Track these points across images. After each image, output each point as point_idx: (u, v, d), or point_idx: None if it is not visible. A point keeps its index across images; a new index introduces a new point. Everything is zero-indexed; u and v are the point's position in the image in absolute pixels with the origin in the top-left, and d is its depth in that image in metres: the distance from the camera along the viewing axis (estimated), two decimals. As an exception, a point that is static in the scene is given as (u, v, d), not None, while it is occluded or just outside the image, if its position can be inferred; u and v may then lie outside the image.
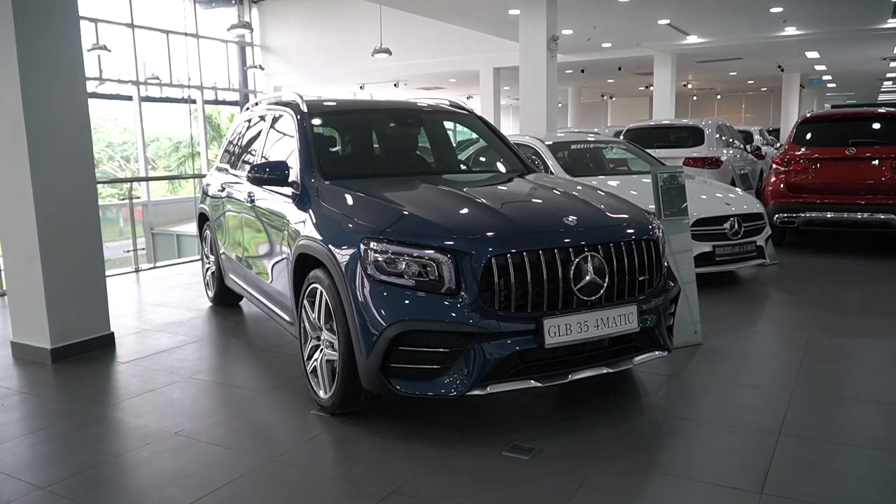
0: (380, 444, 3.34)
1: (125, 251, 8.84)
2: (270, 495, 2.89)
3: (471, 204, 3.61)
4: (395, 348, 3.20)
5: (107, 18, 18.49)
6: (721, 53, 17.57)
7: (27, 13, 4.50)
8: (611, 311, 3.35)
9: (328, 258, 3.53)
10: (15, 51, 4.45)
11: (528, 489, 2.90)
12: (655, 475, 3.02)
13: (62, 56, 4.71)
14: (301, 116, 4.53)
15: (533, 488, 2.90)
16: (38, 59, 4.57)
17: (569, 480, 2.94)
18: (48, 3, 4.61)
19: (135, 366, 4.66)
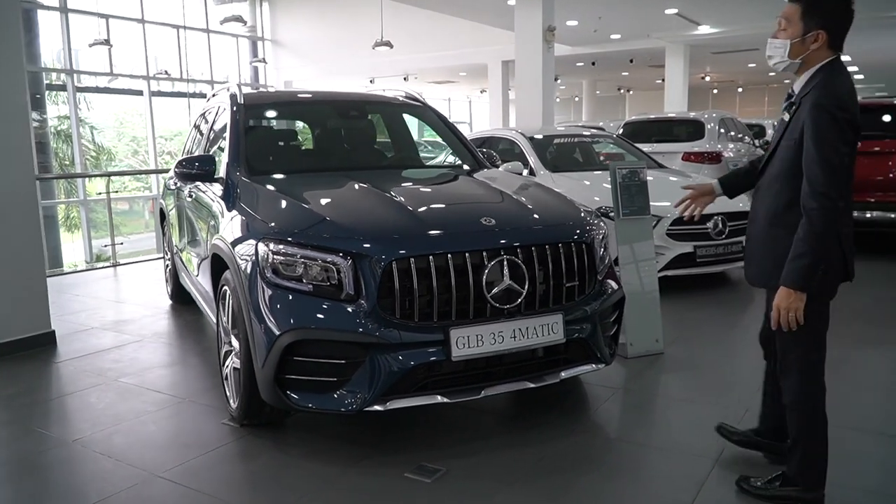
0: (280, 460, 3.10)
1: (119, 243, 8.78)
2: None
3: (385, 203, 3.33)
4: (290, 358, 2.95)
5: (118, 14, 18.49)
6: (736, 44, 17.01)
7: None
8: (531, 321, 3.07)
9: (230, 259, 3.30)
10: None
11: (419, 516, 2.64)
12: (567, 500, 2.74)
13: None
14: (235, 108, 4.31)
15: (425, 515, 2.65)
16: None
17: (467, 507, 2.68)
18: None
19: (65, 366, 4.49)
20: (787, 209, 2.40)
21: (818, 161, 2.26)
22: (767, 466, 2.96)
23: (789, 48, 2.38)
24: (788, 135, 2.40)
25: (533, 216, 3.36)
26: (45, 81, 17.48)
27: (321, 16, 20.69)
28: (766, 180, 2.52)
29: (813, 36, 2.35)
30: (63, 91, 17.98)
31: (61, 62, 17.61)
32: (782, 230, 2.41)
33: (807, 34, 2.35)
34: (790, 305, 2.34)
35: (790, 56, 2.40)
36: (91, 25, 17.31)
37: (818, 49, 2.37)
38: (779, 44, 2.42)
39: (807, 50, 2.37)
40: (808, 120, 2.29)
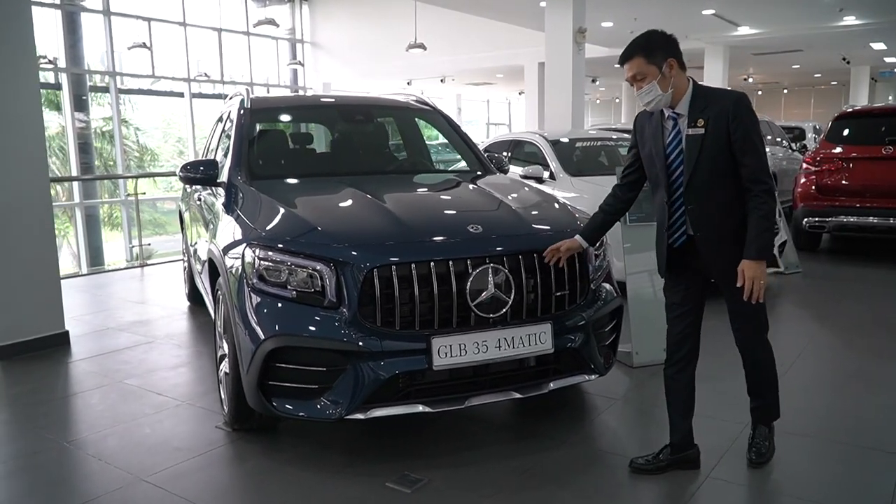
0: (265, 466, 3.10)
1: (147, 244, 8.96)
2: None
3: (373, 210, 3.30)
4: (273, 365, 2.94)
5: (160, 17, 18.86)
6: (777, 45, 16.57)
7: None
8: (518, 331, 3.01)
9: (220, 264, 3.31)
10: (-41, 45, 4.41)
11: (392, 528, 2.61)
12: (545, 518, 2.68)
13: (11, 49, 4.62)
14: (242, 112, 4.34)
15: (398, 527, 2.61)
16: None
17: (439, 520, 2.64)
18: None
19: (75, 366, 4.57)
20: (733, 203, 2.71)
21: (758, 152, 2.65)
22: (756, 473, 2.86)
23: (658, 86, 2.68)
24: (710, 145, 2.66)
25: (523, 224, 3.29)
26: (88, 83, 17.93)
27: (359, 18, 20.82)
28: (701, 189, 2.72)
29: (667, 66, 2.67)
30: (106, 93, 18.43)
31: (105, 64, 18.05)
32: (734, 221, 2.72)
33: (662, 69, 2.66)
34: (762, 275, 2.64)
35: (662, 91, 2.68)
36: (134, 28, 17.73)
37: (677, 74, 2.70)
38: (647, 89, 2.69)
39: (670, 79, 2.67)
40: (738, 123, 2.62)
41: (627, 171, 3.06)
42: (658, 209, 2.89)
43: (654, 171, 2.85)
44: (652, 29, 2.78)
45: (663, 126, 2.78)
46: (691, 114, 2.69)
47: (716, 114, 2.63)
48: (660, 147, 2.79)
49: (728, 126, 2.62)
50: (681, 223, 2.81)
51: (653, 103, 2.72)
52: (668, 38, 2.72)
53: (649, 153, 2.85)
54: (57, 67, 16.40)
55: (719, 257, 2.76)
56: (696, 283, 2.92)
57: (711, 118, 2.64)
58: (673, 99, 2.70)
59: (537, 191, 4.00)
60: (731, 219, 2.72)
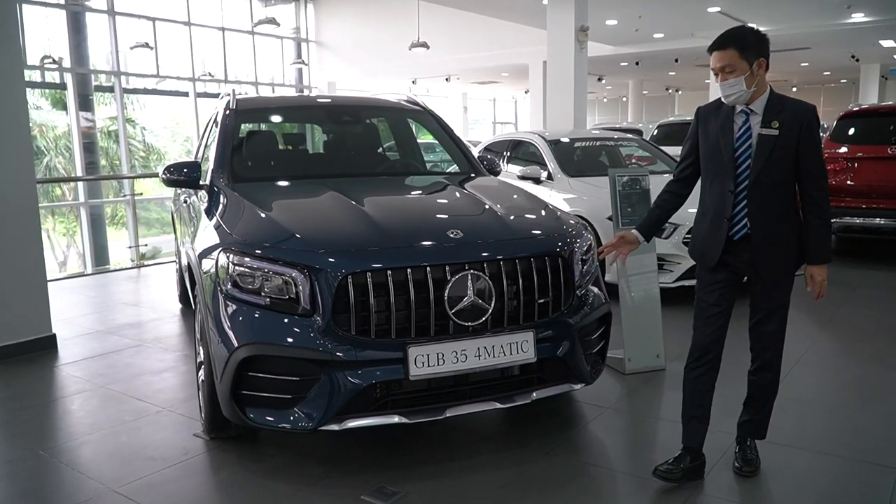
0: (239, 477, 3.03)
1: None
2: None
3: (351, 215, 3.20)
4: (246, 373, 2.86)
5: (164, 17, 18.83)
6: (785, 43, 16.34)
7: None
8: (498, 339, 2.91)
9: (197, 269, 3.24)
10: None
11: (364, 544, 2.52)
12: (523, 534, 2.59)
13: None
14: (227, 113, 4.26)
15: (369, 544, 2.53)
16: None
17: (413, 536, 2.55)
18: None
19: (59, 371, 4.51)
20: (789, 207, 2.76)
21: (822, 161, 2.75)
22: (748, 487, 2.76)
23: (745, 82, 2.68)
24: (782, 145, 2.69)
25: (506, 229, 3.19)
26: (93, 83, 17.93)
27: (364, 18, 20.75)
28: (765, 189, 2.73)
29: (758, 64, 2.68)
30: (112, 92, 18.44)
31: (110, 64, 18.05)
32: (788, 225, 2.76)
33: (752, 65, 2.67)
34: (825, 277, 2.80)
35: (748, 87, 2.68)
36: (138, 28, 17.72)
37: (763, 73, 2.71)
38: (733, 82, 2.68)
39: (756, 78, 2.69)
40: (808, 130, 2.69)
41: (683, 163, 3.00)
42: (717, 200, 2.82)
43: (715, 162, 2.81)
44: (746, 25, 2.80)
45: (734, 121, 2.78)
46: (766, 114, 2.72)
47: (790, 119, 2.68)
48: (729, 140, 2.77)
49: (800, 133, 2.68)
50: (742, 216, 2.78)
51: (733, 97, 2.72)
52: (762, 37, 2.72)
53: (714, 144, 2.81)
54: (62, 67, 16.41)
55: (769, 257, 2.78)
56: (733, 284, 2.89)
57: (786, 122, 2.68)
58: (751, 97, 2.72)
59: (526, 195, 3.89)
60: (785, 222, 2.76)
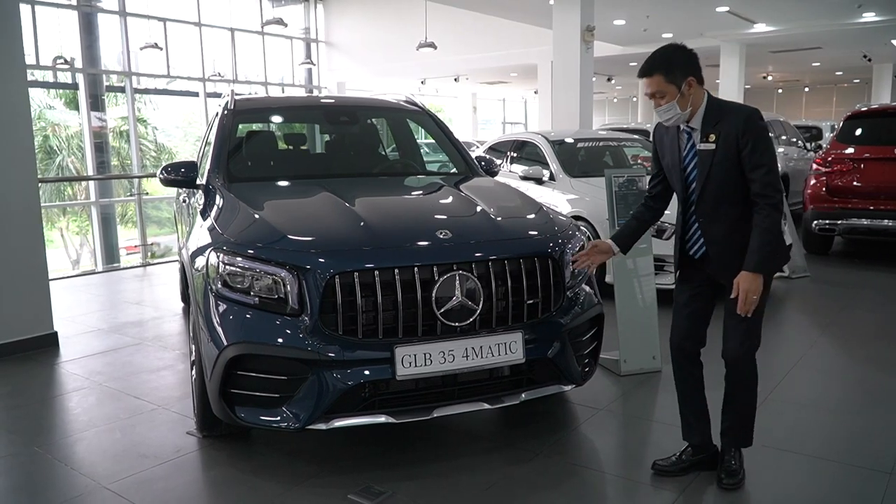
0: (228, 475, 3.05)
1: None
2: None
3: (341, 215, 3.21)
4: (234, 372, 2.88)
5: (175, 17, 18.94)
6: (795, 42, 16.25)
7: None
8: (486, 340, 2.92)
9: (189, 268, 3.26)
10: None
11: (348, 543, 2.54)
12: (507, 534, 2.59)
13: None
14: (224, 113, 4.29)
15: (353, 542, 2.54)
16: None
17: (396, 536, 2.56)
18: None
19: (59, 368, 4.55)
20: (741, 217, 2.69)
21: (765, 167, 2.60)
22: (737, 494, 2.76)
23: (677, 105, 2.67)
24: (720, 160, 2.66)
25: (497, 230, 3.19)
26: (105, 83, 18.07)
27: (373, 18, 20.79)
28: (711, 204, 2.73)
29: (687, 84, 2.65)
30: (123, 92, 18.57)
31: (121, 65, 18.17)
32: (740, 235, 2.68)
33: (681, 87, 2.65)
34: (756, 289, 2.62)
35: (681, 109, 2.68)
36: (149, 29, 17.84)
37: (696, 91, 2.67)
38: (666, 107, 2.69)
39: (689, 98, 2.66)
40: (748, 137, 2.60)
41: (653, 181, 3.03)
42: (679, 218, 2.88)
43: (673, 181, 2.87)
44: (672, 44, 2.73)
45: (679, 139, 2.78)
46: (703, 128, 2.69)
47: (726, 129, 2.63)
48: (676, 160, 2.80)
49: (738, 142, 2.61)
50: (698, 236, 2.81)
51: (671, 121, 2.73)
52: (688, 55, 2.68)
53: (668, 165, 2.87)
54: (74, 68, 16.55)
55: (728, 270, 2.71)
56: (705, 288, 2.88)
57: (722, 134, 2.64)
58: (690, 114, 2.70)
59: (521, 196, 3.89)
60: (739, 234, 2.68)
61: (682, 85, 2.63)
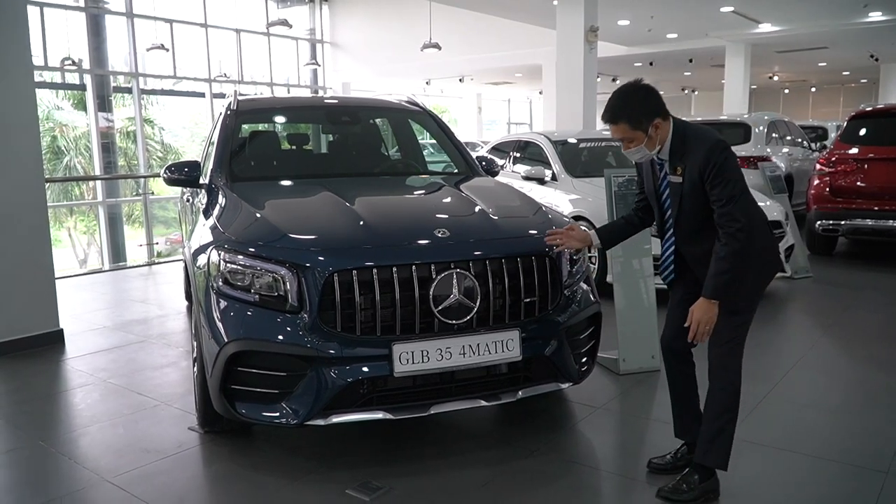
0: (229, 470, 3.09)
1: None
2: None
3: (340, 214, 3.25)
4: (235, 369, 2.92)
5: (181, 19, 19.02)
6: (801, 42, 16.23)
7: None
8: (483, 337, 2.95)
9: (191, 266, 3.31)
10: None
11: (345, 537, 2.57)
12: (502, 529, 2.62)
13: (7, 45, 4.64)
14: (228, 113, 4.34)
15: (351, 536, 2.58)
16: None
17: (393, 530, 2.60)
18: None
19: (64, 365, 4.61)
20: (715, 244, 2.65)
21: (726, 195, 2.56)
22: (733, 492, 2.77)
23: (646, 149, 2.69)
24: (688, 192, 2.65)
25: (494, 229, 3.22)
26: (112, 84, 18.18)
27: (378, 18, 20.84)
28: (686, 230, 2.74)
29: (653, 127, 2.65)
30: (130, 93, 18.68)
31: (128, 66, 18.27)
32: None
33: (648, 132, 2.65)
34: (710, 318, 2.62)
35: (651, 151, 2.71)
36: (156, 30, 17.93)
37: (663, 127, 2.67)
38: (635, 149, 2.71)
39: (657, 139, 2.67)
40: (710, 166, 2.57)
41: (638, 198, 3.06)
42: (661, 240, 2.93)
43: (652, 205, 2.90)
44: (633, 86, 2.70)
45: (654, 168, 2.82)
46: (671, 161, 2.70)
47: (691, 162, 2.62)
48: (652, 188, 2.84)
49: (702, 174, 2.59)
50: (670, 262, 2.87)
51: (643, 159, 2.77)
52: (648, 96, 2.66)
53: (647, 190, 2.90)
54: (81, 69, 16.65)
55: None
56: (698, 289, 2.80)
57: (688, 166, 2.64)
58: (661, 146, 2.71)
59: (519, 195, 3.92)
60: None
61: (649, 129, 2.64)
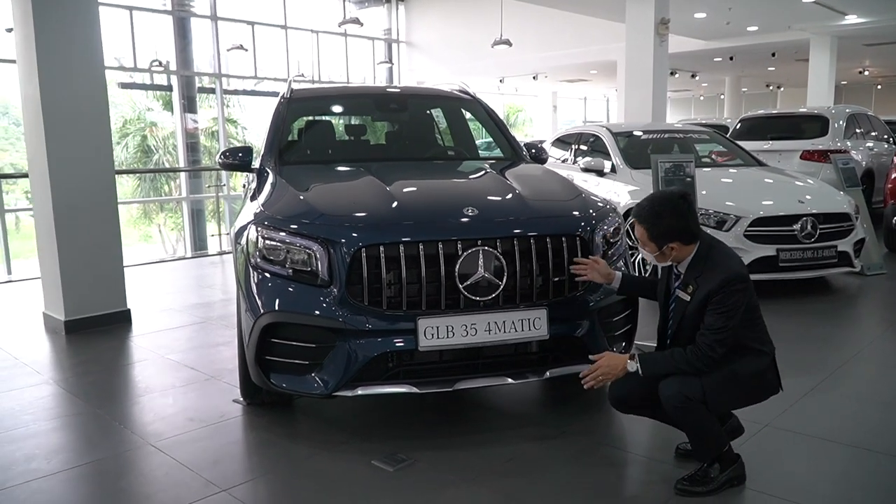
0: (264, 439, 3.23)
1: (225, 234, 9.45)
2: (96, 486, 2.86)
3: (374, 193, 3.31)
4: (269, 340, 3.04)
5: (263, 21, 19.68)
6: (891, 35, 15.33)
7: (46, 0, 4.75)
8: (510, 315, 2.96)
9: (233, 244, 3.45)
10: (33, 38, 4.72)
11: (364, 502, 2.64)
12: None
13: (80, 43, 4.95)
14: (281, 101, 4.49)
15: (369, 502, 2.64)
16: (56, 46, 4.82)
17: (410, 500, 2.64)
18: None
19: (129, 341, 4.87)
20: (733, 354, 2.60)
21: (722, 326, 2.53)
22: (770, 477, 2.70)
23: (656, 259, 2.72)
24: (692, 312, 2.62)
25: (524, 208, 3.23)
26: (197, 85, 18.96)
27: (452, 17, 20.99)
28: (684, 342, 2.65)
29: (668, 248, 2.66)
30: (213, 93, 19.44)
31: (212, 67, 19.02)
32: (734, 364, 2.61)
33: (662, 248, 2.66)
34: (612, 374, 2.63)
35: (659, 262, 2.74)
36: (238, 32, 18.61)
37: (678, 252, 2.67)
38: (647, 254, 2.74)
39: (669, 256, 2.68)
40: (721, 293, 2.53)
41: None
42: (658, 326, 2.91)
43: (660, 303, 2.89)
44: (668, 198, 2.70)
45: (671, 272, 2.82)
46: (685, 277, 2.70)
47: (704, 286, 2.59)
48: (662, 291, 2.86)
49: (710, 297, 2.56)
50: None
51: (651, 261, 2.79)
52: (677, 218, 2.63)
53: (661, 287, 2.89)
54: (168, 70, 17.45)
55: None
56: None
57: (700, 287, 2.61)
58: (678, 259, 2.71)
59: (561, 180, 3.89)
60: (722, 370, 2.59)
61: (664, 247, 2.65)
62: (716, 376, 2.57)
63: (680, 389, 2.55)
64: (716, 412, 2.63)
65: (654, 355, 2.70)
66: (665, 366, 2.60)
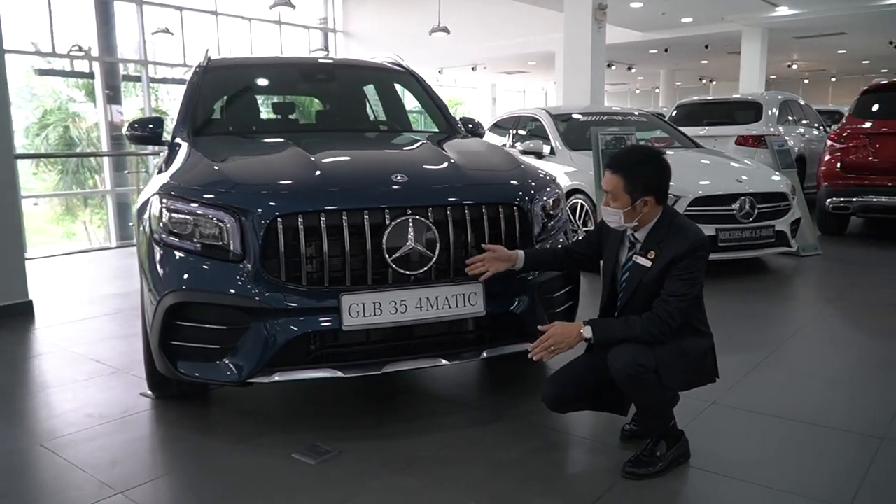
0: (172, 434, 2.91)
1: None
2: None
3: (295, 161, 3.01)
4: (175, 323, 2.72)
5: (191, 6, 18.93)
6: (819, 28, 15.74)
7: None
8: (443, 290, 2.72)
9: (136, 220, 3.11)
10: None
11: (282, 499, 2.36)
12: (445, 494, 2.38)
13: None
14: (197, 70, 4.14)
15: (288, 498, 2.36)
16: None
17: (333, 493, 2.38)
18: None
19: (30, 334, 4.45)
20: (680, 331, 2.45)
21: (684, 293, 2.40)
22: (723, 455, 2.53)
23: (623, 216, 2.49)
24: (651, 279, 2.46)
25: (459, 176, 2.98)
26: (121, 73, 18.11)
27: (390, 6, 20.65)
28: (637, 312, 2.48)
29: (642, 202, 2.47)
30: (139, 82, 18.63)
31: (137, 54, 18.20)
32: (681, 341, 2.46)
33: (635, 203, 2.46)
34: (564, 344, 2.43)
35: (625, 222, 2.51)
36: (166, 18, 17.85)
37: (650, 209, 2.49)
38: (612, 212, 2.52)
39: (639, 214, 2.49)
40: (688, 259, 2.41)
41: (580, 247, 2.85)
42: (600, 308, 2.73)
43: (606, 276, 2.70)
44: (650, 151, 2.58)
45: (623, 242, 2.63)
46: (645, 243, 2.52)
47: (668, 250, 2.45)
48: (612, 260, 2.66)
49: (675, 262, 2.43)
50: None
51: (613, 224, 2.57)
52: (659, 171, 2.50)
53: (607, 258, 2.70)
54: (90, 56, 16.61)
55: None
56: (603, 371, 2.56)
57: (662, 253, 2.46)
58: (639, 224, 2.52)
59: (499, 150, 3.67)
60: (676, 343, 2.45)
61: (638, 201, 2.46)
62: (667, 349, 2.40)
63: (633, 357, 2.36)
64: (666, 386, 2.45)
65: (609, 321, 2.52)
66: (620, 333, 2.42)
